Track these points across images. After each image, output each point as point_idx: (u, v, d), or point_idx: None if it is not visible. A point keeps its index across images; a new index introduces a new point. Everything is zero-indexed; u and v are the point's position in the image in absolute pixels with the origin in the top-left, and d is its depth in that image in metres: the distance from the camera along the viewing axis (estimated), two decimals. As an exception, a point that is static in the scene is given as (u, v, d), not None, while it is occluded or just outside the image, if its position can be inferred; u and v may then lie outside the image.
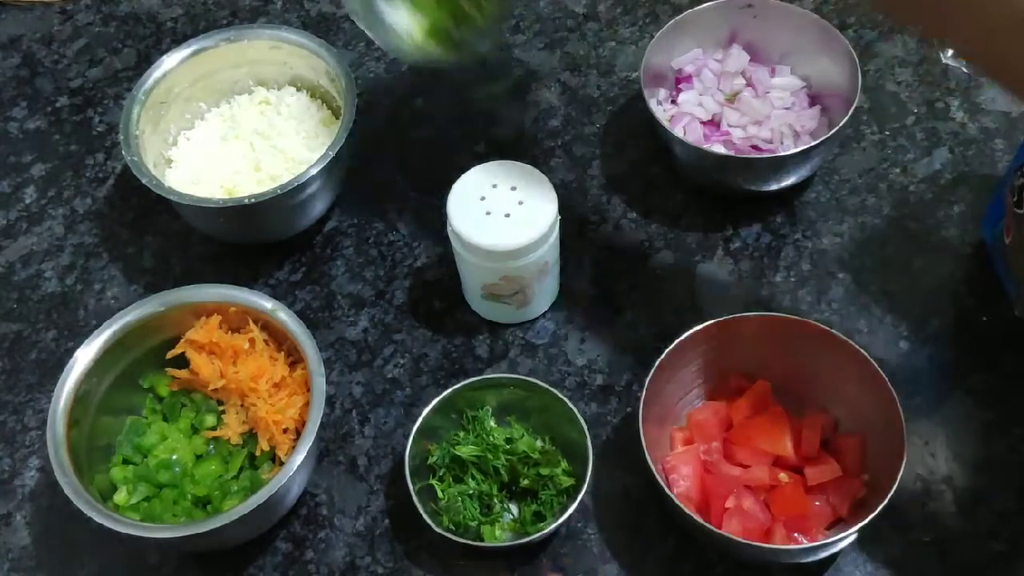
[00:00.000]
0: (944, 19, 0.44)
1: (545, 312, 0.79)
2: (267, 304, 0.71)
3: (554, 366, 0.77)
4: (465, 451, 0.69)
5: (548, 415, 0.70)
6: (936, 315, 0.77)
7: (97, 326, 0.70)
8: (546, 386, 0.69)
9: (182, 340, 0.72)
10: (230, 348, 0.71)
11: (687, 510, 0.62)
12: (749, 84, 0.84)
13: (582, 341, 0.78)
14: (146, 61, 0.95)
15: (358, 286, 0.82)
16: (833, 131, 0.76)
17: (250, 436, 0.71)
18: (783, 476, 0.67)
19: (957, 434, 0.71)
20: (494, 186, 0.71)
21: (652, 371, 0.66)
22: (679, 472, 0.67)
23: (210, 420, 0.72)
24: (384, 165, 0.89)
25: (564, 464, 0.69)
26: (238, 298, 0.72)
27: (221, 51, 0.85)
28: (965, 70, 0.89)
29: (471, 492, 0.68)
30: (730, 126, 0.82)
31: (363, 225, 0.85)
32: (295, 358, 0.71)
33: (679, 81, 0.86)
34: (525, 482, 0.69)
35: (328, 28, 0.98)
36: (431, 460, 0.70)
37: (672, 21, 0.82)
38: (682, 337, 0.67)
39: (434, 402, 0.69)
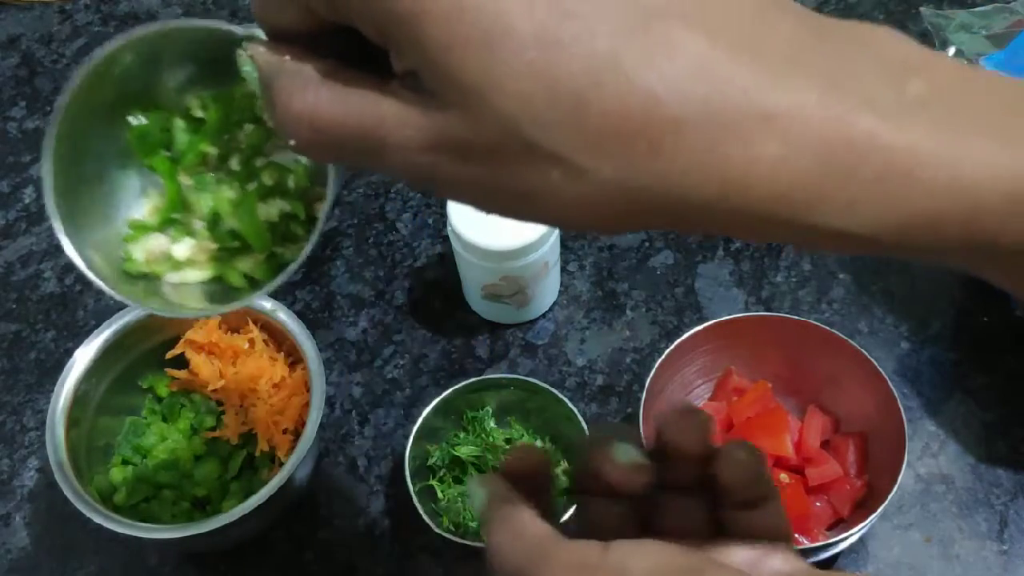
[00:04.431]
0: None
1: (545, 312, 0.79)
2: (267, 304, 0.71)
3: (554, 366, 0.76)
4: (465, 452, 0.69)
5: (548, 415, 0.70)
6: (937, 315, 0.77)
7: (96, 326, 0.70)
8: (546, 386, 0.69)
9: (181, 340, 0.72)
10: (229, 348, 0.71)
11: (688, 511, 0.61)
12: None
13: (582, 341, 0.78)
14: (145, 61, 0.95)
15: (358, 286, 0.82)
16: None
17: (249, 437, 0.71)
18: (784, 477, 0.67)
19: (958, 434, 0.71)
20: (494, 186, 0.71)
21: (652, 371, 0.65)
22: (679, 473, 0.67)
23: (209, 421, 0.72)
24: (384, 165, 0.88)
25: (564, 464, 0.69)
26: (238, 298, 0.71)
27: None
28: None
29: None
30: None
31: (363, 225, 0.85)
32: (295, 358, 0.71)
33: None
34: (525, 483, 0.69)
35: (328, 28, 0.98)
36: (431, 461, 0.70)
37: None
38: (682, 337, 0.67)
39: (434, 403, 0.69)
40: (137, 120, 0.39)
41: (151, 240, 0.41)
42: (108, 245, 0.40)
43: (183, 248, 0.41)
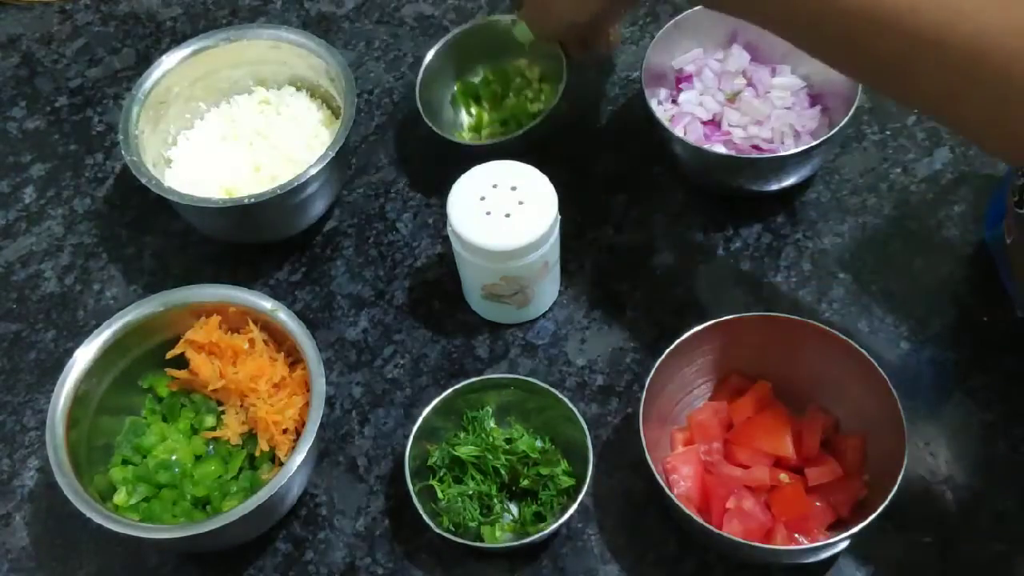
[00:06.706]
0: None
1: (545, 312, 0.79)
2: (267, 304, 0.71)
3: (554, 366, 0.76)
4: (464, 451, 0.69)
5: (548, 415, 0.70)
6: (937, 315, 0.77)
7: (96, 326, 0.70)
8: (546, 386, 0.69)
9: (182, 340, 0.72)
10: (230, 348, 0.71)
11: (687, 510, 0.61)
12: (750, 84, 0.84)
13: (582, 341, 0.78)
14: (145, 61, 0.95)
15: (358, 286, 0.82)
16: (834, 131, 0.76)
17: (250, 437, 0.71)
18: (784, 477, 0.67)
19: (958, 434, 0.71)
20: (494, 186, 0.71)
21: (652, 371, 0.65)
22: (679, 472, 0.67)
23: (210, 420, 0.72)
24: (384, 165, 0.89)
25: (564, 464, 0.69)
26: (238, 298, 0.71)
27: (220, 51, 0.85)
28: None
29: (471, 493, 0.68)
30: (731, 126, 0.82)
31: (363, 225, 0.85)
32: (295, 358, 0.71)
33: (680, 81, 0.86)
34: (525, 482, 0.69)
35: (328, 28, 0.98)
36: (431, 461, 0.70)
37: (672, 21, 0.82)
38: (683, 337, 0.67)
39: (434, 403, 0.69)
40: (462, 82, 0.88)
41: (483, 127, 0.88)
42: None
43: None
